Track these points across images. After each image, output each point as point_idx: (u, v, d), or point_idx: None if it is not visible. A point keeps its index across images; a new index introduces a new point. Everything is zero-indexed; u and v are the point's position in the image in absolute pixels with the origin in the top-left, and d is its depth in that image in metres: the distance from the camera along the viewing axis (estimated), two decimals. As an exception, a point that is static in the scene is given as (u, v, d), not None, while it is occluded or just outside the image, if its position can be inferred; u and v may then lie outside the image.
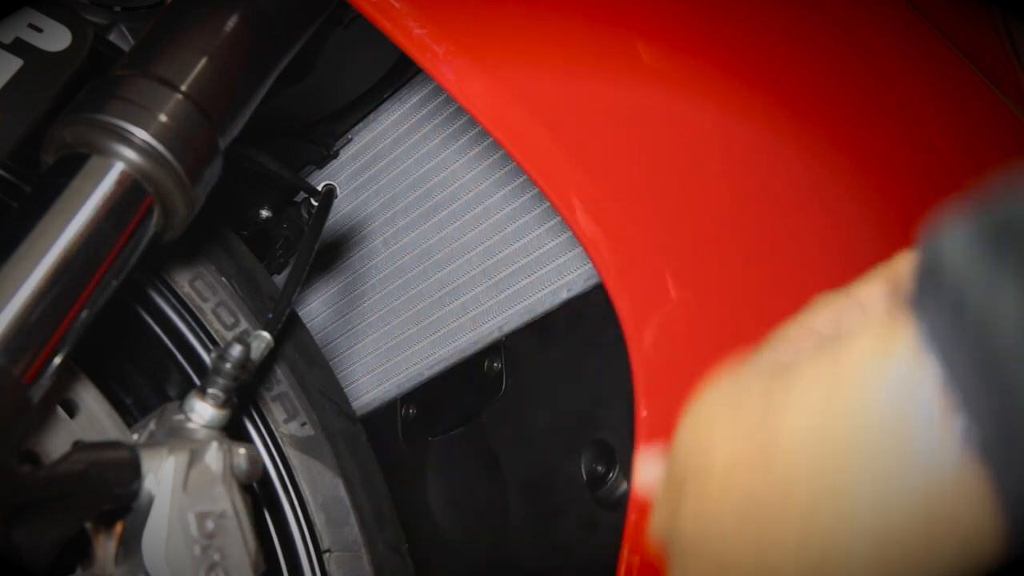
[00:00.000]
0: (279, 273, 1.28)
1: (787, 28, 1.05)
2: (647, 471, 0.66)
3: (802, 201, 1.01)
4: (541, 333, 1.08)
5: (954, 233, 0.43)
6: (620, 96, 0.97)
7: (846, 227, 1.03)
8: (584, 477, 1.00)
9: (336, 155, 1.29)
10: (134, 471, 0.80)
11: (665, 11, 0.99)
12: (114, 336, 0.94)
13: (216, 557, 0.81)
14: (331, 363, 1.14)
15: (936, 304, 0.43)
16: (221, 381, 0.86)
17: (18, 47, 0.84)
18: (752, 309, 0.96)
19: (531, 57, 0.93)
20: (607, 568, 0.82)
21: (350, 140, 1.28)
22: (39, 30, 0.85)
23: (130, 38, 1.09)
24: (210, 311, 0.97)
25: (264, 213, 1.26)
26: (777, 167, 1.01)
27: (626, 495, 0.96)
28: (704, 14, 1.00)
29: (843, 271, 1.02)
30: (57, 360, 0.78)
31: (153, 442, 0.85)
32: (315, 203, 1.07)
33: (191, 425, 0.86)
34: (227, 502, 0.82)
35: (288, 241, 1.24)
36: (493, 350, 1.12)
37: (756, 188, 1.00)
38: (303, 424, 0.98)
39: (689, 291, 0.93)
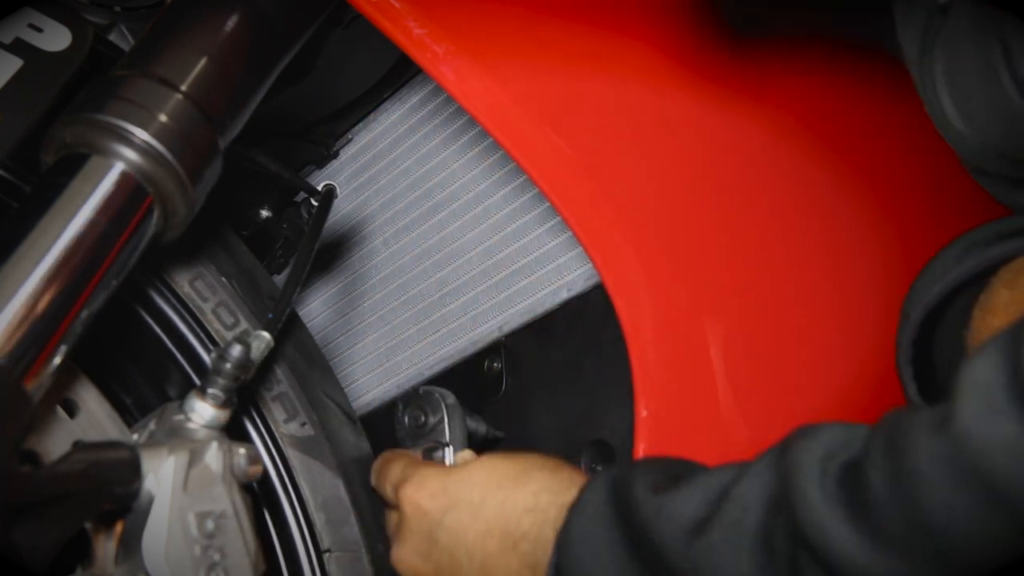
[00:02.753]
0: (279, 273, 1.28)
1: (784, 31, 1.05)
2: None
3: (796, 198, 1.01)
4: (541, 333, 1.08)
5: None
6: (620, 96, 0.97)
7: (841, 229, 1.03)
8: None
9: (336, 155, 1.29)
10: (134, 471, 0.80)
11: (664, 14, 0.99)
12: (114, 336, 0.94)
13: (216, 557, 0.81)
14: (331, 363, 1.14)
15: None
16: (221, 381, 0.86)
17: (18, 47, 0.84)
18: (749, 309, 0.96)
19: (531, 57, 0.93)
20: (607, 568, 0.82)
21: (350, 140, 1.28)
22: (39, 30, 0.85)
23: (130, 38, 1.09)
24: (210, 311, 0.97)
25: (264, 213, 1.26)
26: (773, 167, 1.01)
27: (626, 495, 0.96)
28: (702, 17, 1.00)
29: (835, 271, 1.03)
30: (57, 360, 0.78)
31: (153, 442, 0.85)
32: (315, 203, 1.07)
33: (191, 425, 0.86)
34: (227, 502, 0.82)
35: (288, 241, 1.24)
36: (493, 350, 1.12)
37: (752, 187, 1.00)
38: (303, 424, 0.98)
39: (689, 291, 0.93)
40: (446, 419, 0.99)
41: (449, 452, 0.97)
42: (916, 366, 0.86)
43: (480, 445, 1.05)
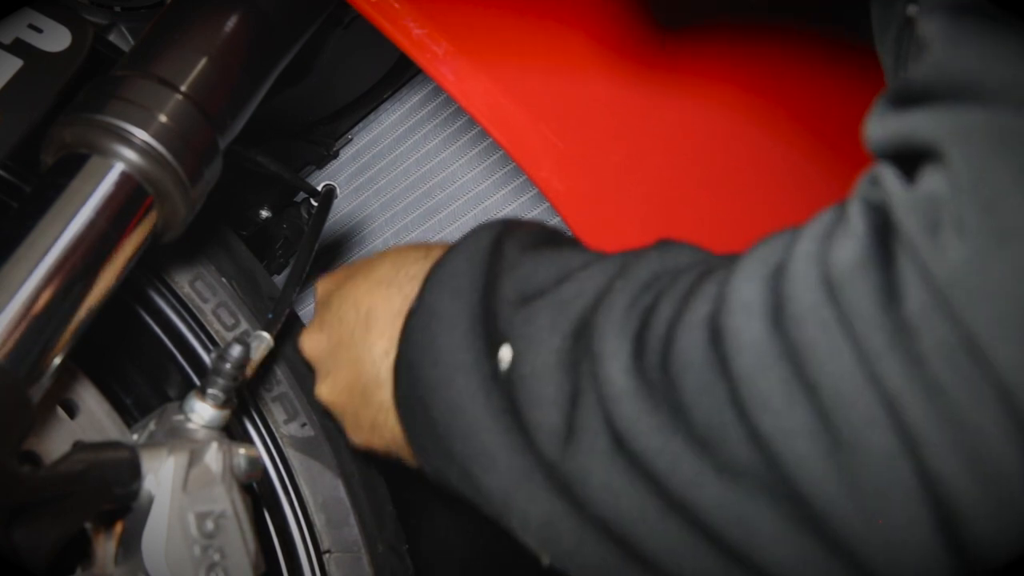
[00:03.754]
0: (279, 273, 1.28)
1: (780, 31, 1.06)
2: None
3: (787, 189, 1.02)
4: (541, 333, 1.08)
5: None
6: (620, 98, 0.97)
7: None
8: (584, 477, 1.00)
9: (336, 155, 1.29)
10: (134, 471, 0.80)
11: (662, 18, 0.99)
12: (114, 336, 0.94)
13: (216, 557, 0.81)
14: (331, 363, 1.13)
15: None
16: (221, 381, 0.86)
17: (18, 47, 0.84)
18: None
19: (530, 57, 0.93)
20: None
21: (350, 140, 1.28)
22: (39, 30, 0.85)
23: (130, 38, 1.09)
24: (210, 312, 0.97)
25: (264, 213, 1.26)
26: (763, 158, 1.01)
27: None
28: (696, 19, 1.01)
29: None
30: (57, 360, 0.78)
31: (153, 442, 0.85)
32: (315, 203, 1.07)
33: (191, 425, 0.86)
34: (227, 502, 0.82)
35: (288, 241, 1.24)
36: (493, 350, 1.12)
37: (742, 180, 1.00)
38: (303, 424, 0.98)
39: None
40: None
41: None
42: None
43: None
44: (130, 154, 0.79)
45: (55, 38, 0.86)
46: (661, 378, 0.57)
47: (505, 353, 0.66)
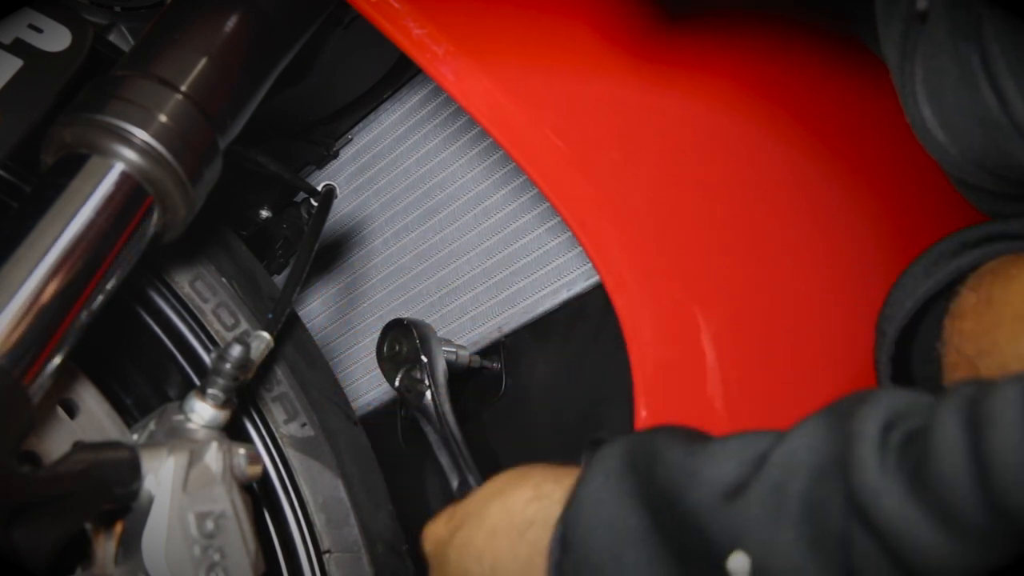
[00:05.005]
0: (279, 273, 1.28)
1: (782, 31, 1.06)
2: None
3: (786, 189, 1.02)
4: (541, 333, 1.08)
5: None
6: (619, 97, 0.97)
7: (834, 221, 1.03)
8: (584, 477, 1.00)
9: (336, 155, 1.29)
10: (134, 471, 0.80)
11: (662, 14, 0.99)
12: (114, 336, 0.94)
13: (216, 557, 0.81)
14: (331, 363, 1.14)
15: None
16: (221, 381, 0.86)
17: (18, 47, 0.84)
18: (749, 308, 0.96)
19: (530, 57, 0.93)
20: (607, 568, 0.82)
21: (350, 140, 1.28)
22: (39, 30, 0.85)
23: (130, 38, 1.09)
24: (210, 312, 0.97)
25: (264, 213, 1.26)
26: (763, 159, 1.01)
27: (626, 495, 0.96)
28: (699, 19, 1.01)
29: (829, 263, 1.02)
30: (57, 360, 0.78)
31: (153, 442, 0.85)
32: (315, 203, 1.07)
33: (191, 425, 0.86)
34: (227, 502, 0.82)
35: (288, 241, 1.24)
36: (493, 350, 1.12)
37: (741, 178, 1.00)
38: (303, 425, 0.98)
39: (688, 290, 0.93)
40: (419, 345, 1.03)
41: (426, 374, 1.03)
42: (896, 383, 0.84)
43: (464, 374, 1.06)
44: (130, 154, 0.79)
45: (55, 38, 0.86)
46: (990, 526, 0.53)
47: (738, 562, 0.61)
